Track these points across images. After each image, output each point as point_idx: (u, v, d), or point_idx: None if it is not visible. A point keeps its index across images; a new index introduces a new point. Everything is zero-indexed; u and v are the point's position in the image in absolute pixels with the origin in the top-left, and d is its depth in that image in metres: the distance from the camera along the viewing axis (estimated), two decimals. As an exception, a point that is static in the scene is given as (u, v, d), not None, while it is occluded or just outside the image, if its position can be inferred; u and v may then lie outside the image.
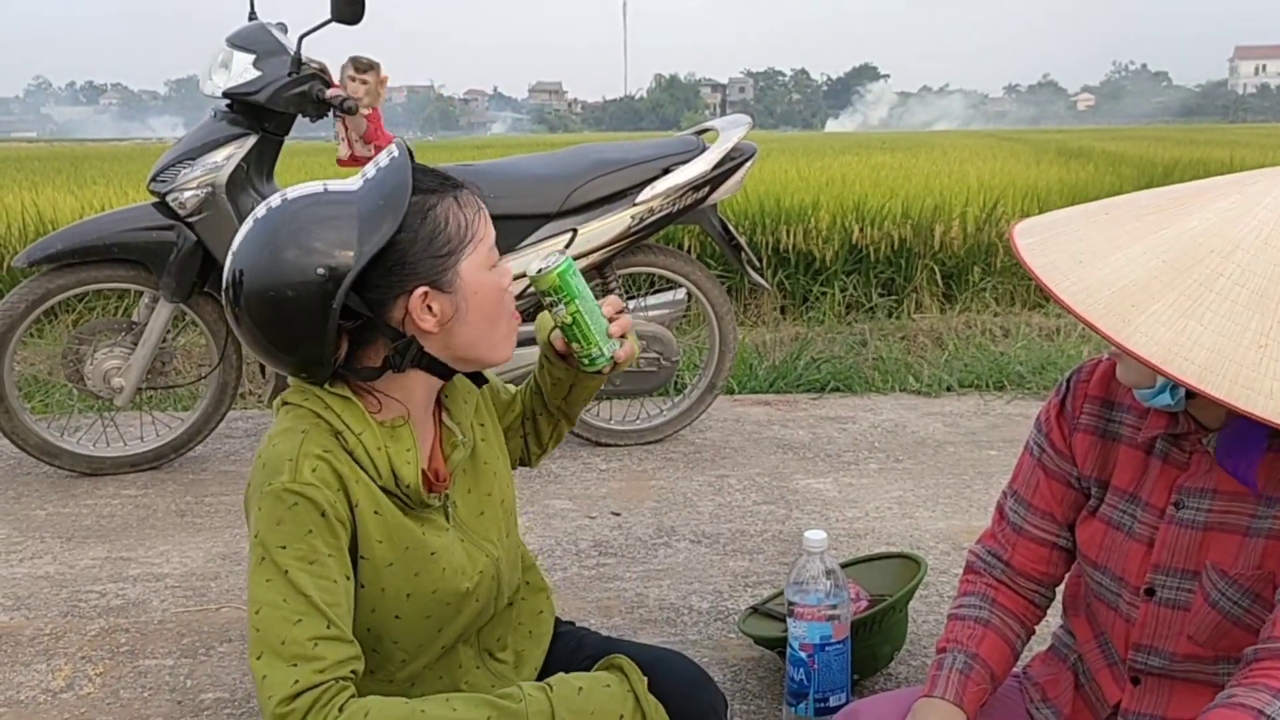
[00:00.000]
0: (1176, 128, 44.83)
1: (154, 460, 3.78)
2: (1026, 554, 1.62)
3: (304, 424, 1.39)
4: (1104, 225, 1.29)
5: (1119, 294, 1.21)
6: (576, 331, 1.51)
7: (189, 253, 3.55)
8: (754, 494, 3.54)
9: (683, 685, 1.54)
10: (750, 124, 3.99)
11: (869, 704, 1.67)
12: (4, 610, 2.74)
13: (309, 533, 1.33)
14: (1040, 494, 1.61)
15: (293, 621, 1.30)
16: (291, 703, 1.27)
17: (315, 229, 1.33)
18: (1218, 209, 1.26)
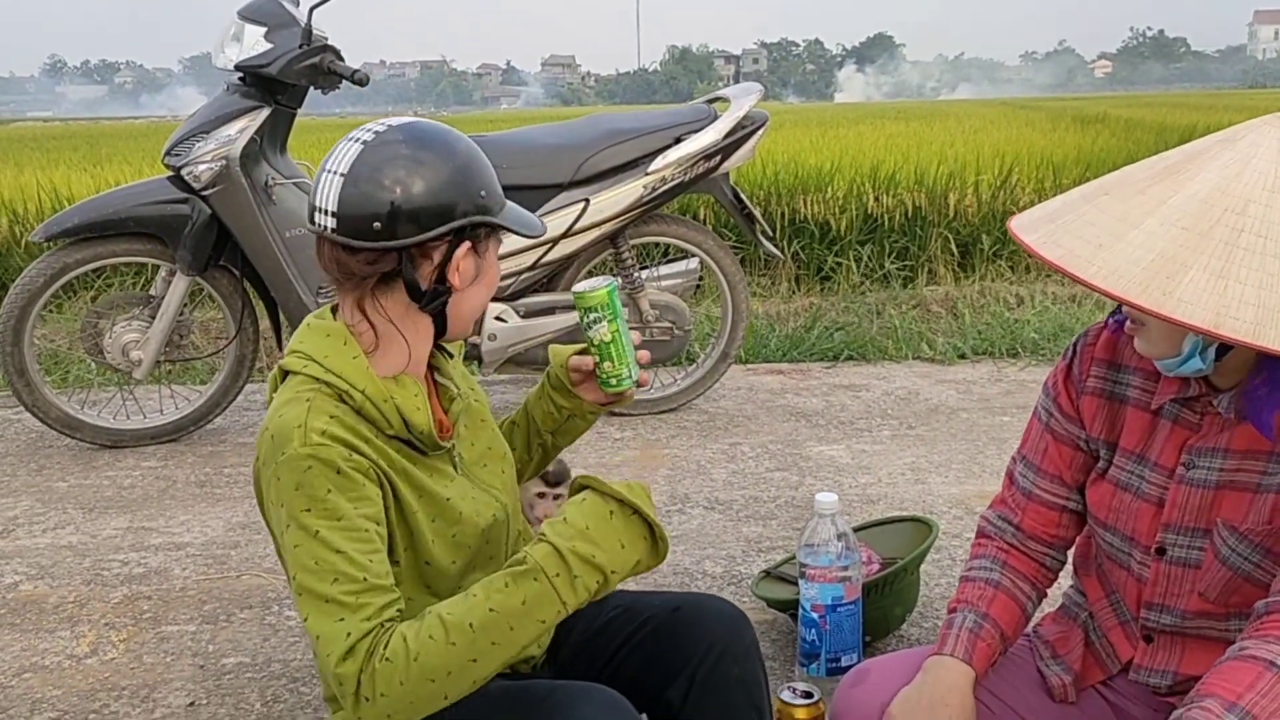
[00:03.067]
0: (1195, 94, 44.33)
1: (174, 433, 3.82)
2: (1036, 518, 1.64)
3: (308, 392, 1.43)
4: (1109, 206, 1.30)
5: (1151, 269, 1.22)
6: (613, 350, 1.58)
7: (204, 226, 3.57)
8: (767, 461, 3.56)
9: (728, 622, 1.58)
10: (762, 92, 3.99)
11: (879, 662, 1.69)
12: (28, 579, 2.78)
13: (329, 492, 1.36)
14: (1049, 458, 1.62)
15: (329, 580, 1.34)
16: (348, 659, 1.31)
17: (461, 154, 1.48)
18: (1216, 169, 1.27)
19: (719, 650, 1.54)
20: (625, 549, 1.36)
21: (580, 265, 3.86)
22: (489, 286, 1.53)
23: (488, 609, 1.33)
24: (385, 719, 1.30)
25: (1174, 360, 1.37)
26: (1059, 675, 1.62)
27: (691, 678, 1.54)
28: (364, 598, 1.34)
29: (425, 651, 1.30)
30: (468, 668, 1.32)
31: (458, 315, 1.51)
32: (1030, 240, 1.32)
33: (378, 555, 1.38)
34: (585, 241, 3.74)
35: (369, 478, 1.40)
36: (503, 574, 1.36)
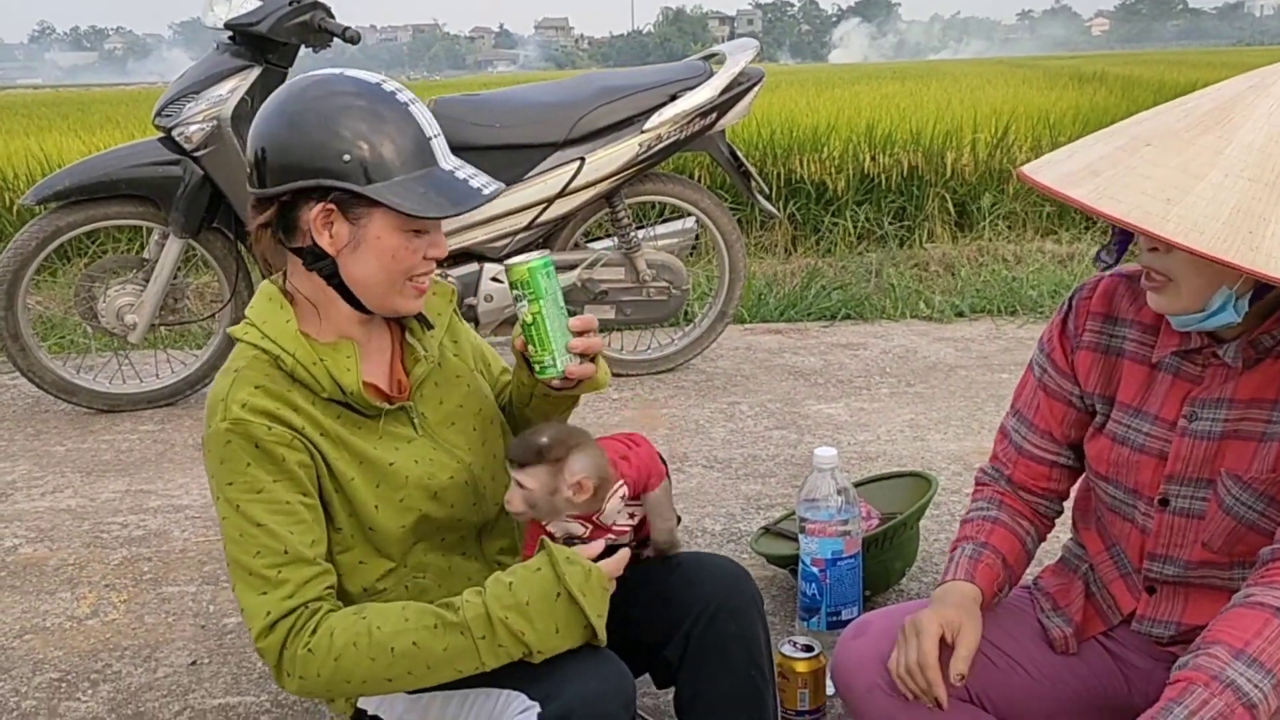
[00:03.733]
0: (1193, 51, 44.03)
1: (170, 396, 3.81)
2: (1027, 471, 1.64)
3: (241, 361, 1.44)
4: (1159, 158, 1.26)
5: (1231, 223, 1.19)
6: (534, 333, 1.47)
7: (196, 187, 3.54)
8: (765, 419, 3.55)
9: (726, 579, 1.57)
10: (757, 48, 3.94)
11: (880, 615, 1.69)
12: (28, 542, 2.78)
13: (248, 465, 1.38)
14: (1041, 414, 1.62)
15: (252, 553, 1.38)
16: (269, 635, 1.37)
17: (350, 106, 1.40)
18: (1261, 116, 1.24)
19: (715, 607, 1.53)
20: (559, 634, 1.36)
21: (576, 225, 3.84)
22: (379, 259, 1.41)
23: (411, 641, 1.36)
24: (305, 694, 1.41)
25: (1198, 315, 1.34)
26: (1060, 627, 1.62)
27: (688, 635, 1.53)
28: (285, 572, 1.37)
29: (345, 656, 1.35)
30: (382, 683, 1.38)
31: (354, 284, 1.43)
32: (1080, 196, 1.27)
33: (301, 528, 1.39)
34: (581, 201, 3.72)
35: (293, 448, 1.40)
36: (435, 612, 1.37)
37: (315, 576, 1.40)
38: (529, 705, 1.36)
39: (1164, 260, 1.33)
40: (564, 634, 1.36)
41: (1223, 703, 1.20)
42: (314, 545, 1.41)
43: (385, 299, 1.45)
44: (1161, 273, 1.34)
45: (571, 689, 1.35)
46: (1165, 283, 1.35)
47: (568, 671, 1.37)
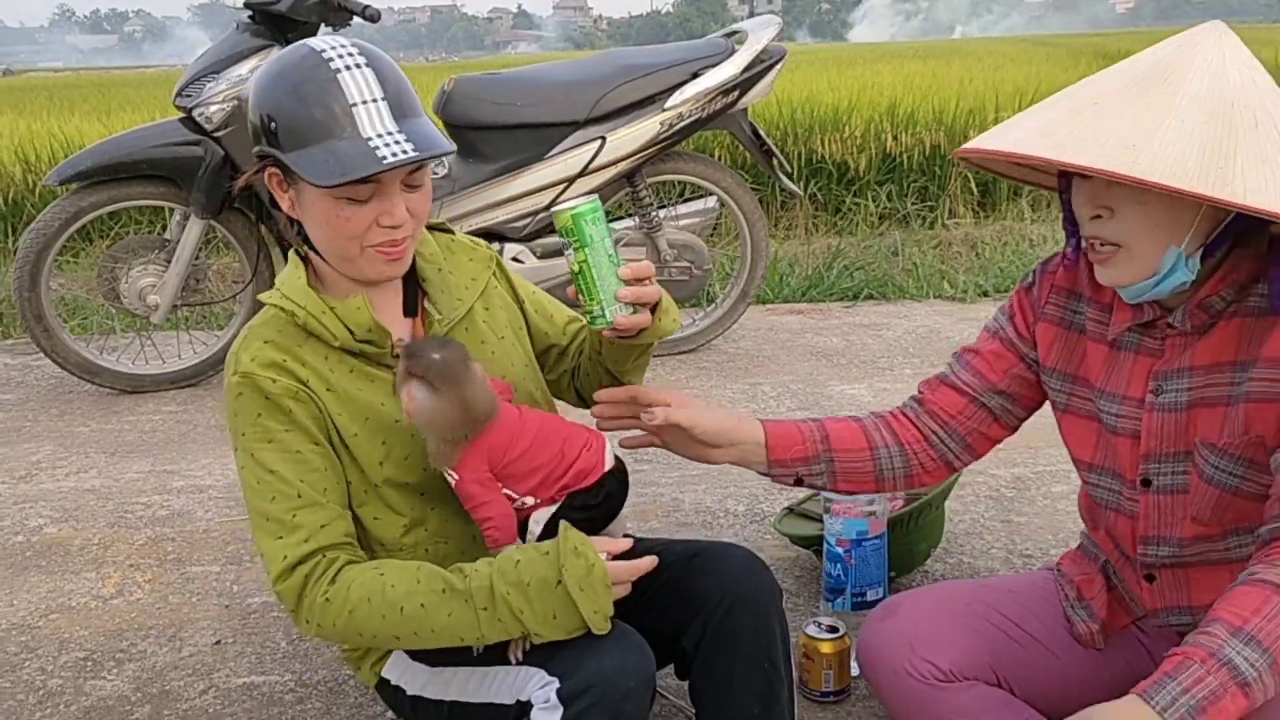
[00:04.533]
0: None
1: (193, 377, 3.82)
2: (941, 397, 1.62)
3: (260, 319, 1.49)
4: (1111, 113, 1.27)
5: (1202, 162, 1.20)
6: (581, 282, 1.43)
7: (217, 167, 3.54)
8: (788, 400, 3.54)
9: (743, 570, 1.55)
10: (779, 25, 3.90)
11: (910, 596, 1.67)
12: (53, 522, 2.79)
13: (259, 416, 1.44)
14: (980, 356, 1.61)
15: (268, 499, 1.42)
16: (286, 578, 1.40)
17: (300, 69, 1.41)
18: (1197, 70, 1.27)
19: (731, 598, 1.51)
20: (556, 620, 1.36)
21: (597, 205, 3.81)
22: (320, 226, 1.41)
23: (419, 604, 1.38)
24: (320, 638, 1.46)
25: (1150, 281, 1.33)
26: (1085, 621, 1.60)
27: (705, 626, 1.51)
28: (300, 515, 1.41)
29: (359, 610, 1.38)
30: (390, 639, 1.41)
31: (319, 246, 1.46)
32: (1041, 151, 1.26)
33: (313, 475, 1.44)
34: (602, 180, 3.69)
35: (299, 400, 1.44)
36: (445, 577, 1.39)
37: (331, 521, 1.43)
38: (549, 680, 1.36)
39: (1111, 227, 1.32)
40: (561, 621, 1.36)
41: (1217, 681, 1.18)
42: (326, 492, 1.44)
43: (346, 265, 1.45)
44: (1109, 240, 1.33)
45: (590, 664, 1.35)
46: (1114, 252, 1.33)
47: (587, 648, 1.37)
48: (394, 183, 1.40)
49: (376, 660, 1.61)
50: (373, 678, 1.62)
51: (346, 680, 2.06)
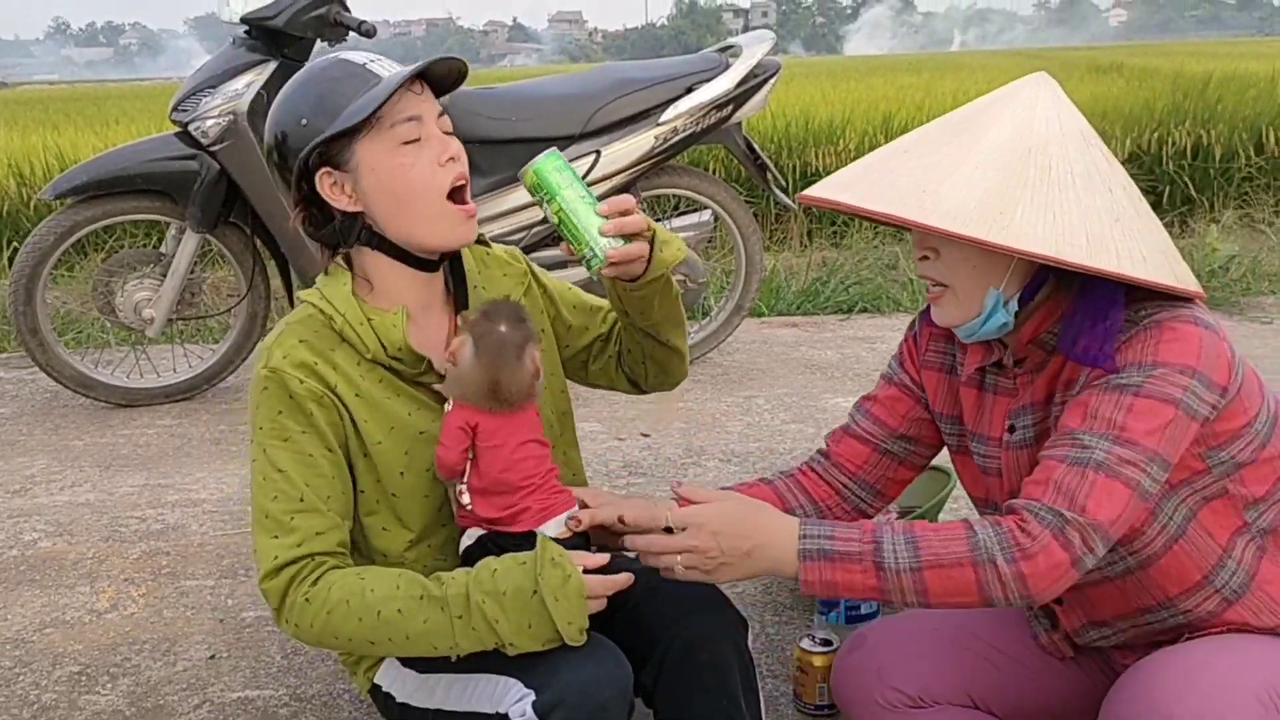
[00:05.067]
0: (1211, 42, 43.68)
1: (187, 391, 3.82)
2: (846, 449, 1.66)
3: (297, 316, 1.51)
4: (915, 160, 1.35)
5: (982, 206, 1.27)
6: (565, 231, 1.44)
7: (213, 182, 3.55)
8: (782, 413, 3.54)
9: (701, 607, 1.51)
10: (774, 40, 3.92)
11: (877, 627, 1.69)
12: (47, 536, 2.79)
13: (279, 413, 1.45)
14: (878, 402, 1.65)
15: (271, 497, 1.43)
16: (273, 578, 1.42)
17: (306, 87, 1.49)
18: (1008, 118, 1.34)
19: (688, 636, 1.48)
20: (530, 630, 1.36)
21: (592, 218, 3.82)
22: (392, 183, 1.45)
23: (396, 608, 1.38)
24: (298, 639, 1.45)
25: (976, 321, 1.39)
26: (1047, 632, 1.61)
27: (661, 663, 1.48)
28: (298, 519, 1.42)
29: (337, 612, 1.39)
30: (365, 644, 1.42)
31: (390, 228, 1.48)
32: (848, 199, 1.35)
33: (319, 481, 1.44)
34: (598, 194, 3.69)
35: (322, 405, 1.45)
36: (424, 584, 1.40)
37: (327, 529, 1.44)
38: (525, 693, 1.37)
39: (936, 267, 1.39)
40: (535, 631, 1.36)
41: (860, 549, 1.31)
42: (329, 500, 1.45)
43: (426, 229, 1.47)
44: (937, 280, 1.40)
45: (566, 675, 1.35)
46: (943, 291, 1.40)
47: (564, 659, 1.37)
48: (432, 123, 1.46)
49: (370, 666, 1.61)
50: (366, 684, 1.62)
51: (341, 694, 2.06)
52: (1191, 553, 1.37)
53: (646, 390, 1.75)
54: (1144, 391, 1.28)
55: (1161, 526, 1.37)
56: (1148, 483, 1.29)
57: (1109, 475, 1.27)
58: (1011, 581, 1.27)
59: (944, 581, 1.29)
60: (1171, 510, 1.37)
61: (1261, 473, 1.37)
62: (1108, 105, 8.38)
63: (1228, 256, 5.28)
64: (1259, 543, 1.39)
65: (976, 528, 1.31)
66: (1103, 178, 1.32)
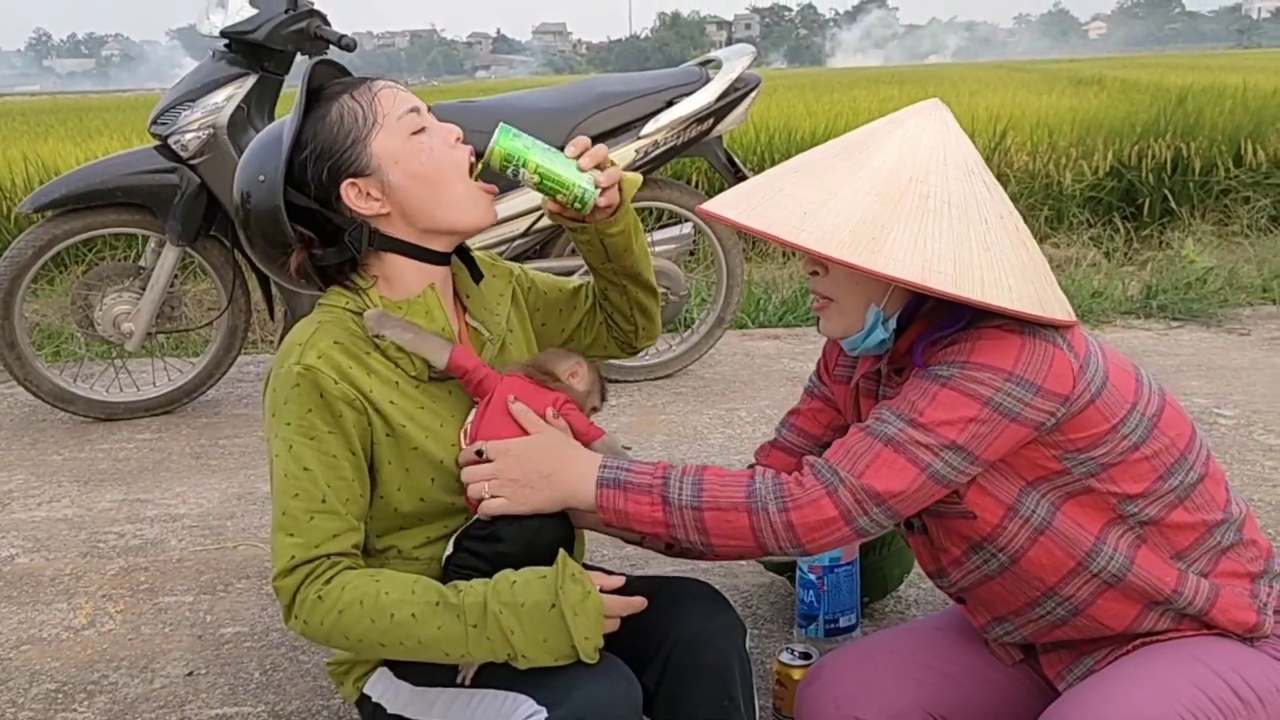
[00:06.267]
0: (1190, 54, 44.09)
1: (167, 405, 3.81)
2: (774, 461, 1.73)
3: (327, 315, 1.50)
4: (803, 182, 1.39)
5: (857, 231, 1.32)
6: (550, 184, 1.49)
7: (193, 195, 3.54)
8: (764, 426, 3.55)
9: (704, 606, 1.55)
10: (754, 54, 3.95)
11: (832, 659, 1.69)
12: (24, 552, 2.77)
13: (309, 411, 1.44)
14: (802, 415, 1.73)
15: (292, 495, 1.43)
16: (287, 576, 1.41)
17: (255, 151, 1.53)
18: (893, 145, 1.38)
19: (691, 636, 1.50)
20: (545, 644, 1.36)
21: (573, 231, 3.83)
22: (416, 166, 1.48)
23: (409, 612, 1.38)
24: (306, 637, 1.44)
25: (858, 336, 1.46)
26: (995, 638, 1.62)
27: (665, 663, 1.50)
28: (318, 519, 1.42)
29: (349, 611, 1.39)
30: (375, 647, 1.41)
31: (426, 229, 1.51)
32: (734, 216, 1.38)
33: (341, 483, 1.44)
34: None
35: (352, 407, 1.45)
36: (440, 590, 1.40)
37: (344, 531, 1.44)
38: (536, 710, 1.36)
39: (824, 283, 1.46)
40: (550, 645, 1.36)
41: (650, 482, 1.41)
42: (348, 503, 1.45)
43: (455, 209, 1.51)
44: (824, 294, 1.47)
45: (580, 694, 1.34)
46: (828, 304, 1.47)
47: (576, 676, 1.36)
48: (427, 112, 1.51)
49: (360, 676, 1.60)
50: (354, 693, 1.61)
51: (320, 711, 2.06)
52: (1061, 542, 1.42)
53: (638, 347, 1.79)
54: (950, 384, 1.35)
55: (1024, 521, 1.42)
56: (941, 467, 1.35)
57: (895, 449, 1.35)
58: (782, 529, 1.36)
59: (721, 524, 1.38)
60: (1033, 505, 1.42)
61: (1136, 471, 1.41)
62: (1089, 118, 8.44)
63: (1205, 269, 5.32)
64: (1137, 533, 1.43)
65: (757, 477, 1.39)
66: (980, 208, 1.36)
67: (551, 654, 1.36)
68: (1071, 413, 1.36)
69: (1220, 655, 1.40)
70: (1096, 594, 1.44)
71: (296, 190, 1.48)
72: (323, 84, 1.54)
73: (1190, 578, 1.43)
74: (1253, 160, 7.43)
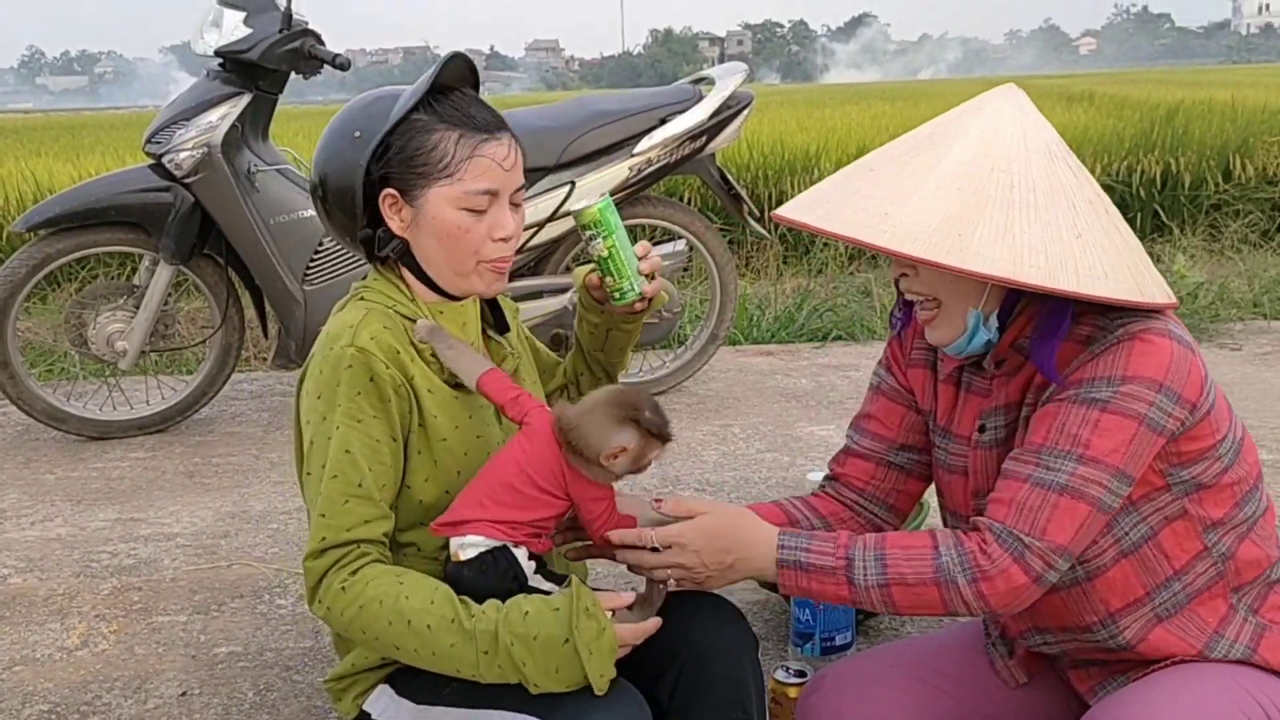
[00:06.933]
0: (1179, 69, 44.34)
1: (160, 423, 3.80)
2: (852, 469, 1.67)
3: (371, 304, 1.52)
4: (879, 180, 1.35)
5: (941, 229, 1.27)
6: (611, 265, 1.57)
7: (187, 214, 3.54)
8: (757, 442, 3.55)
9: (719, 619, 1.56)
10: (746, 72, 3.97)
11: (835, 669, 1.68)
12: (17, 572, 2.76)
13: (358, 394, 1.45)
14: (872, 418, 1.66)
15: (331, 475, 1.44)
16: (318, 558, 1.42)
17: (360, 109, 1.54)
18: (971, 134, 1.34)
19: (705, 648, 1.51)
20: (558, 675, 1.36)
21: (567, 249, 3.84)
22: (442, 240, 1.50)
23: (426, 624, 1.38)
24: (325, 621, 1.45)
25: (962, 340, 1.41)
26: (1003, 659, 1.62)
27: (678, 675, 1.51)
28: (352, 504, 1.43)
29: (369, 609, 1.39)
30: (390, 648, 1.42)
31: (426, 267, 1.53)
32: (810, 220, 1.36)
33: (380, 469, 1.46)
34: (572, 225, 3.72)
35: (398, 394, 1.48)
36: (457, 607, 1.39)
37: (377, 518, 1.45)
38: None
39: (917, 283, 1.41)
40: (562, 676, 1.36)
41: (834, 563, 1.39)
42: (384, 489, 1.47)
43: (458, 279, 1.53)
44: (924, 294, 1.42)
45: (595, 718, 1.35)
46: (936, 310, 1.42)
47: (587, 700, 1.37)
48: (505, 198, 1.52)
49: (360, 693, 1.59)
50: (353, 709, 1.59)
51: (314, 731, 2.05)
52: (1139, 569, 1.40)
53: None
54: (1110, 407, 1.31)
55: (1115, 540, 1.39)
56: (1109, 499, 1.32)
57: (1071, 496, 1.31)
58: (973, 600, 1.34)
59: (910, 597, 1.36)
60: (1129, 526, 1.39)
61: (1220, 496, 1.39)
62: (1079, 134, 8.48)
63: (1195, 283, 5.34)
64: (1218, 568, 1.40)
65: (941, 547, 1.35)
66: (1067, 193, 1.32)
67: (563, 683, 1.37)
68: (1194, 421, 1.34)
69: (1259, 685, 1.38)
70: (1147, 629, 1.42)
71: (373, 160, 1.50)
72: (455, 84, 1.54)
73: (1238, 615, 1.41)
74: (1242, 175, 7.47)
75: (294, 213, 3.63)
